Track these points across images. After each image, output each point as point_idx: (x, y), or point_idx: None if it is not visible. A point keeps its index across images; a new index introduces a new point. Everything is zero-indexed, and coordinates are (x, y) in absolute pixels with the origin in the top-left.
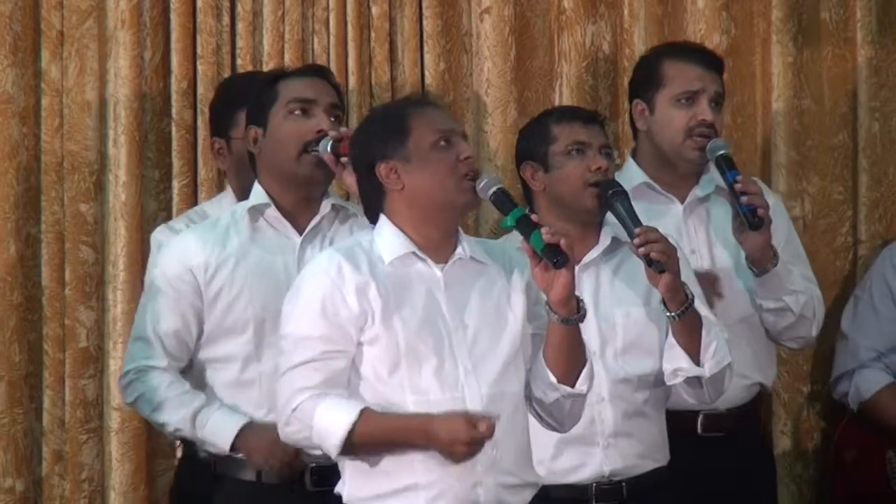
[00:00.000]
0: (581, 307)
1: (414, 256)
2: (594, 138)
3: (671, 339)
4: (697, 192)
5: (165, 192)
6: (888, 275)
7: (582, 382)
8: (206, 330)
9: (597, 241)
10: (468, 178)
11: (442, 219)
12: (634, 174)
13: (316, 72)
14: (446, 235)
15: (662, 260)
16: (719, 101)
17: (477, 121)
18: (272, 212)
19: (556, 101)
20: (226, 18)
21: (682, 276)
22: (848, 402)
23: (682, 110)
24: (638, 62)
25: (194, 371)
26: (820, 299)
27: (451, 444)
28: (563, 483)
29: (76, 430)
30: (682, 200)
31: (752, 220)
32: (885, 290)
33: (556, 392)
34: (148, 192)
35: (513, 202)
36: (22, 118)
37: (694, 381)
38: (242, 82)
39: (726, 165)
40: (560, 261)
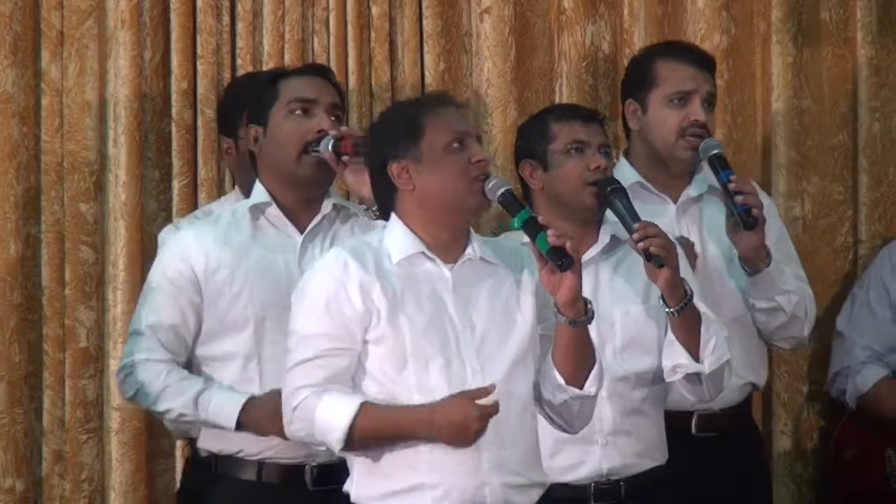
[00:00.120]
0: (589, 309)
1: (422, 256)
2: (593, 137)
3: (670, 336)
4: (690, 191)
5: (165, 192)
6: (885, 275)
7: (590, 384)
8: (206, 327)
9: (595, 239)
10: (479, 181)
11: (452, 220)
12: (627, 174)
13: (317, 71)
14: (456, 236)
15: (662, 255)
16: (712, 101)
17: (477, 121)
18: (273, 210)
19: (556, 101)
20: (226, 18)
21: (680, 272)
22: (846, 400)
23: (674, 110)
24: (630, 62)
25: (194, 369)
26: (812, 299)
27: (462, 425)
28: (561, 482)
29: (76, 430)
30: (675, 200)
31: (747, 219)
32: (881, 290)
33: (565, 393)
34: (148, 192)
35: (520, 204)
36: (22, 118)
37: (693, 378)
38: (251, 82)
39: (720, 165)
40: (565, 263)
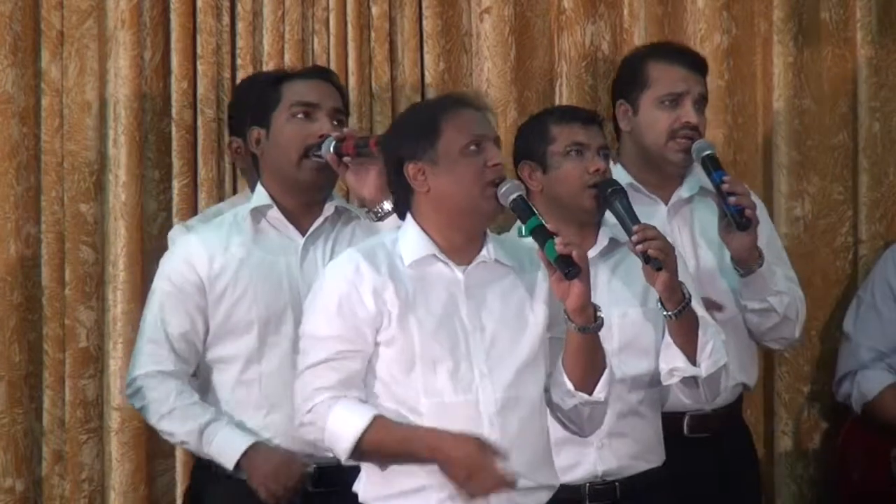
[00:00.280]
0: (598, 316)
1: (434, 258)
2: (593, 139)
3: (668, 339)
4: (681, 193)
5: (165, 192)
6: (890, 276)
7: (600, 390)
8: (210, 330)
9: (594, 241)
10: (493, 185)
11: (466, 224)
12: (618, 175)
13: (320, 74)
14: (470, 239)
15: (660, 257)
16: (703, 102)
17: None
18: (275, 213)
19: (556, 101)
20: (226, 18)
21: (679, 276)
22: (851, 404)
23: (665, 112)
24: (622, 63)
25: (201, 373)
26: (802, 300)
27: (462, 463)
28: None
29: (76, 430)
30: (666, 201)
31: (740, 220)
32: (886, 291)
33: (574, 399)
34: (148, 192)
35: (531, 210)
36: (22, 118)
37: (690, 382)
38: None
39: (712, 166)
40: (572, 272)
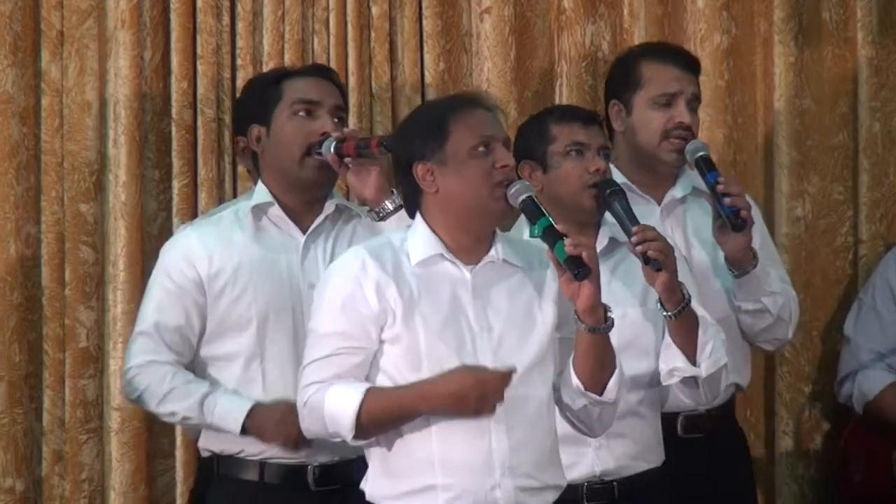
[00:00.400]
0: (608, 317)
1: (441, 258)
2: (593, 139)
3: (667, 339)
4: (674, 193)
5: (165, 192)
6: (891, 278)
7: (610, 391)
8: (208, 327)
9: (594, 241)
10: (502, 186)
11: (475, 224)
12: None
13: (321, 72)
14: (479, 240)
15: (660, 258)
16: (696, 103)
17: None
18: (275, 211)
19: (556, 101)
20: (226, 18)
21: (679, 276)
22: (853, 405)
23: (659, 112)
24: (614, 63)
25: (197, 369)
26: (795, 301)
27: (458, 394)
28: None
29: (76, 430)
30: (659, 202)
31: (735, 221)
32: (887, 293)
33: (584, 399)
34: (148, 192)
35: (541, 211)
36: (22, 118)
37: (690, 382)
38: None
39: (706, 167)
40: (581, 273)
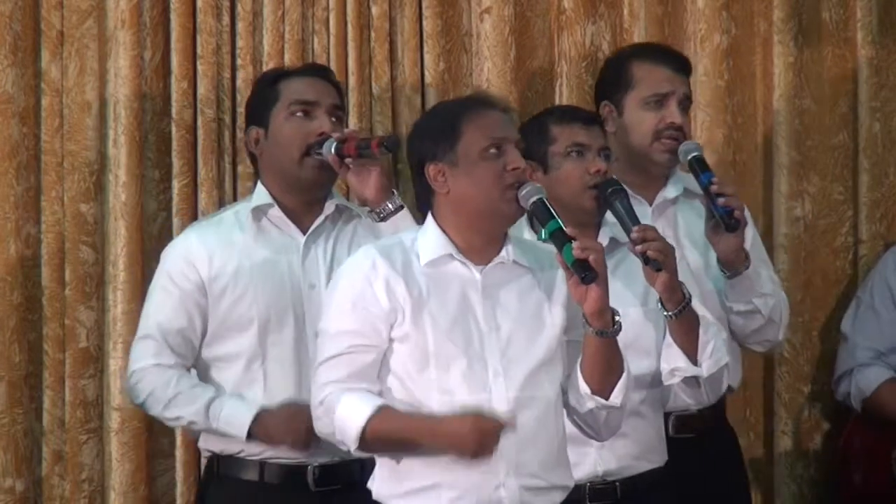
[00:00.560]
0: (616, 321)
1: (451, 258)
2: (594, 140)
3: (668, 339)
4: (666, 193)
5: (165, 192)
6: (889, 277)
7: (616, 395)
8: (210, 329)
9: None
10: (513, 188)
11: (485, 226)
12: None
13: (317, 72)
14: (490, 241)
15: (659, 258)
16: (687, 103)
17: None
18: (275, 212)
19: (556, 101)
20: (226, 18)
21: (679, 276)
22: (851, 402)
23: (650, 112)
24: (605, 63)
25: (199, 370)
26: (786, 303)
27: (458, 436)
28: None
29: (76, 430)
30: (651, 202)
31: (729, 221)
32: (885, 292)
33: (591, 402)
34: (148, 192)
35: (550, 214)
36: (22, 118)
37: (692, 381)
38: None
39: (700, 168)
40: (588, 277)
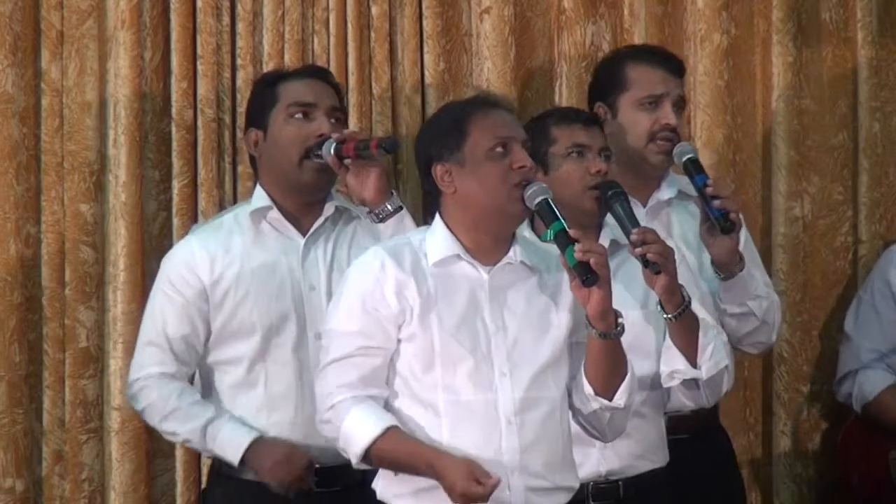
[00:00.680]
0: (619, 323)
1: (459, 258)
2: (594, 141)
3: (668, 342)
4: (659, 195)
5: (165, 192)
6: (890, 276)
7: (620, 396)
8: (212, 333)
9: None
10: (520, 188)
11: (492, 226)
12: None
13: (316, 73)
14: (497, 241)
15: (659, 261)
16: (682, 104)
17: None
18: (275, 214)
19: (556, 101)
20: (226, 18)
21: (679, 279)
22: (851, 403)
23: (645, 113)
24: (599, 65)
25: (202, 374)
26: (778, 305)
27: (449, 483)
28: None
29: (76, 430)
30: (645, 204)
31: (724, 223)
32: (886, 291)
33: (594, 403)
34: (148, 192)
35: (555, 215)
36: (22, 118)
37: (691, 384)
38: None
39: (695, 169)
40: (590, 279)
